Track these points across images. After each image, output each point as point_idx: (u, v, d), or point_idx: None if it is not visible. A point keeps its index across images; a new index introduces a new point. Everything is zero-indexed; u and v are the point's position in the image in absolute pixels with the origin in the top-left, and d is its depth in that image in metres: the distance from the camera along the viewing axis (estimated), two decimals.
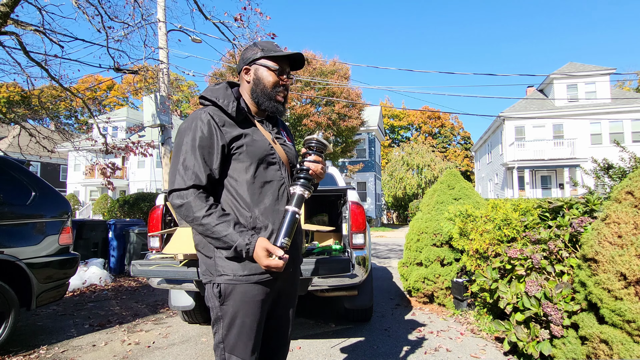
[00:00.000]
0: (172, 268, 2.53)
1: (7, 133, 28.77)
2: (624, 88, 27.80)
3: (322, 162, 1.35)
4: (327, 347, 2.96)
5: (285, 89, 1.38)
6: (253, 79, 1.36)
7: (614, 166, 4.97)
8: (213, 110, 1.27)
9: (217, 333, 1.28)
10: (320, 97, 16.94)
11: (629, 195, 2.03)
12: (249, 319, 1.26)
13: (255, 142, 1.30)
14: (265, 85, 1.34)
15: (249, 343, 1.26)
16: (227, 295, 1.24)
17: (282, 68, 1.35)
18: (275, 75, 1.34)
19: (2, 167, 3.17)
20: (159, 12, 7.90)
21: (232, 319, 1.25)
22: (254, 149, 1.29)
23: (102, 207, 17.34)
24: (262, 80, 1.34)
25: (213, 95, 1.29)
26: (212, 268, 1.27)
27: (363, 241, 2.81)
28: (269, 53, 1.33)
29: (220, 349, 1.27)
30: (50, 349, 3.02)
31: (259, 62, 1.35)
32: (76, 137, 10.75)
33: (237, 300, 1.24)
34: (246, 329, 1.26)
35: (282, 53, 1.33)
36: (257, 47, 1.36)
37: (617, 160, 5.16)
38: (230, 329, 1.25)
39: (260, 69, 1.34)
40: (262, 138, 1.33)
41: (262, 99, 1.35)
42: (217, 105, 1.28)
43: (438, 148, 43.11)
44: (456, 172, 4.63)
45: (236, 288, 1.24)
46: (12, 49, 6.53)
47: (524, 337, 2.45)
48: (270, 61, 1.34)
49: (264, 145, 1.32)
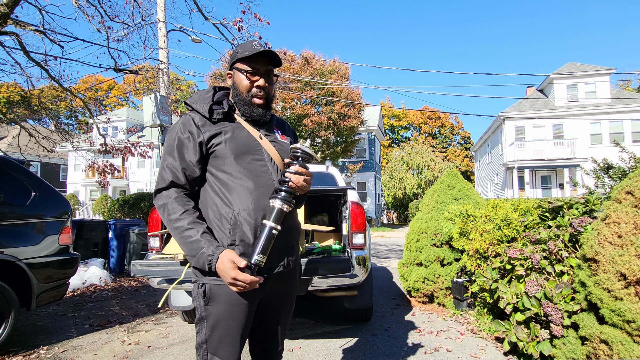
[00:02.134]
0: (172, 268, 2.53)
1: (7, 133, 28.77)
2: (626, 88, 27.79)
3: (307, 173, 1.29)
4: (327, 347, 2.95)
5: (263, 90, 1.33)
6: (231, 85, 1.37)
7: (614, 166, 4.98)
8: (195, 113, 1.33)
9: (200, 333, 1.27)
10: (320, 97, 16.93)
11: (629, 195, 2.03)
12: (234, 321, 1.25)
13: (237, 139, 1.30)
14: (240, 91, 1.33)
15: (232, 345, 1.25)
16: (212, 296, 1.24)
17: (255, 69, 1.31)
18: (248, 78, 1.32)
19: (2, 167, 3.17)
20: (159, 13, 7.91)
21: (217, 321, 1.24)
22: (236, 145, 1.29)
23: (102, 207, 17.34)
24: (237, 86, 1.34)
25: (192, 100, 1.36)
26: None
27: (363, 241, 2.80)
28: (242, 55, 1.30)
29: (203, 349, 1.26)
30: (50, 349, 3.02)
31: (235, 65, 1.34)
32: (76, 137, 10.75)
33: (222, 302, 1.23)
34: (230, 331, 1.25)
35: (252, 52, 1.28)
36: (237, 49, 1.36)
37: (617, 160, 5.17)
38: (214, 330, 1.25)
39: (236, 74, 1.34)
40: (246, 135, 1.33)
41: (239, 105, 1.35)
42: (194, 109, 1.34)
43: (438, 148, 43.11)
44: (456, 172, 4.63)
45: (222, 289, 1.23)
46: (12, 49, 6.53)
47: (524, 337, 2.45)
48: (242, 63, 1.31)
49: (248, 142, 1.32)
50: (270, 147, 1.36)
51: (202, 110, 1.31)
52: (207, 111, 1.30)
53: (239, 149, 1.29)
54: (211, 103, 1.33)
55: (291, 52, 16.56)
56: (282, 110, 17.00)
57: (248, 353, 1.51)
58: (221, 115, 1.31)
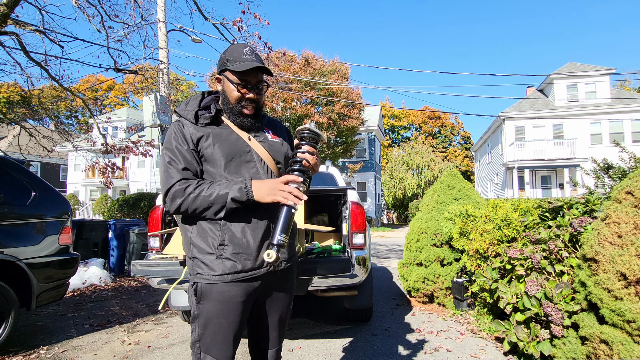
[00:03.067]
0: (172, 268, 2.53)
1: (7, 133, 28.77)
2: (624, 88, 27.78)
3: (316, 154, 1.32)
4: (327, 347, 2.95)
5: (253, 101, 1.34)
6: (221, 91, 1.38)
7: (614, 166, 4.97)
8: (184, 119, 1.37)
9: (194, 332, 1.29)
10: (320, 97, 16.94)
11: (629, 195, 2.03)
12: (226, 320, 1.26)
13: (225, 142, 1.32)
14: (229, 101, 1.34)
15: (224, 344, 1.27)
16: (203, 294, 1.25)
17: (246, 80, 1.31)
18: (238, 90, 1.32)
19: (2, 167, 3.17)
20: (159, 12, 7.91)
21: (208, 319, 1.26)
22: (224, 148, 1.31)
23: (102, 207, 17.34)
24: (227, 95, 1.35)
25: (180, 108, 1.40)
26: (191, 268, 1.30)
27: (363, 241, 2.80)
28: (232, 65, 1.29)
29: (197, 347, 1.28)
30: (50, 349, 3.02)
31: (225, 72, 1.33)
32: (76, 137, 10.74)
33: (213, 300, 1.25)
34: (223, 329, 1.26)
35: (242, 67, 1.27)
36: (226, 54, 1.34)
37: (617, 160, 5.16)
38: (206, 329, 1.26)
39: (226, 83, 1.33)
40: (235, 137, 1.34)
41: (228, 113, 1.37)
42: (182, 116, 1.38)
43: (438, 148, 43.11)
44: (456, 172, 4.63)
45: (213, 288, 1.25)
46: (12, 49, 6.51)
47: (524, 337, 2.45)
48: (233, 75, 1.31)
49: (236, 144, 1.33)
50: (260, 147, 1.37)
51: (189, 116, 1.34)
52: (193, 117, 1.34)
53: (228, 152, 1.31)
54: (197, 109, 1.36)
55: (291, 52, 16.57)
56: (282, 110, 17.00)
57: (248, 353, 1.51)
58: (208, 120, 1.33)
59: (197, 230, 1.29)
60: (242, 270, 1.26)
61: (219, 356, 1.26)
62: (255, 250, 1.28)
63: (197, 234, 1.29)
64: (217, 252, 1.26)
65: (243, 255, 1.27)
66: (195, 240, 1.29)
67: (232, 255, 1.26)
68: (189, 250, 1.32)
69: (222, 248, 1.26)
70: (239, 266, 1.26)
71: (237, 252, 1.26)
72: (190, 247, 1.31)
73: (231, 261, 1.26)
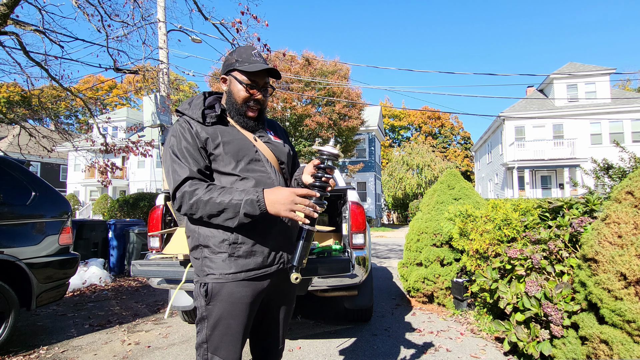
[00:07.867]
0: (172, 268, 2.53)
1: (7, 133, 28.76)
2: (625, 88, 27.77)
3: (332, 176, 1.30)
4: (327, 347, 2.95)
5: (259, 103, 1.35)
6: (227, 91, 1.37)
7: (614, 166, 4.97)
8: (189, 118, 1.35)
9: (201, 333, 1.28)
10: (320, 97, 16.94)
11: (629, 195, 2.03)
12: (235, 321, 1.25)
13: (233, 142, 1.31)
14: (236, 101, 1.34)
15: (233, 344, 1.26)
16: (213, 295, 1.24)
17: (255, 82, 1.32)
18: (247, 91, 1.32)
19: (2, 167, 3.17)
20: (159, 12, 7.90)
21: (217, 320, 1.25)
22: (233, 148, 1.30)
23: (102, 207, 17.32)
24: (234, 95, 1.34)
25: (183, 107, 1.38)
26: (200, 268, 1.29)
27: (363, 241, 2.80)
28: (242, 66, 1.29)
29: (204, 348, 1.27)
30: (50, 349, 3.02)
31: (233, 73, 1.33)
32: (76, 137, 10.73)
33: (223, 301, 1.24)
34: (231, 330, 1.25)
35: (254, 68, 1.28)
36: (234, 55, 1.34)
37: (617, 160, 5.16)
38: (215, 330, 1.25)
39: (234, 82, 1.33)
40: (241, 137, 1.34)
41: (233, 113, 1.37)
42: (186, 115, 1.36)
43: (438, 148, 43.08)
44: (456, 172, 4.63)
45: (223, 288, 1.24)
46: (12, 49, 6.52)
47: (524, 337, 2.45)
48: (243, 75, 1.31)
49: (244, 144, 1.33)
50: (265, 148, 1.38)
51: (195, 115, 1.32)
52: (200, 115, 1.32)
53: (237, 151, 1.31)
54: (203, 107, 1.35)
55: (292, 52, 16.58)
56: (282, 111, 17.01)
57: (249, 352, 1.51)
58: (214, 119, 1.33)
59: (209, 230, 1.27)
60: (254, 268, 1.27)
61: (227, 357, 1.26)
62: (268, 247, 1.29)
63: (208, 234, 1.27)
64: (230, 250, 1.25)
65: (256, 252, 1.27)
66: (206, 241, 1.27)
67: (245, 254, 1.26)
68: (198, 251, 1.30)
69: (234, 247, 1.25)
70: (252, 264, 1.26)
71: (251, 250, 1.27)
72: (199, 247, 1.29)
73: (244, 259, 1.26)
